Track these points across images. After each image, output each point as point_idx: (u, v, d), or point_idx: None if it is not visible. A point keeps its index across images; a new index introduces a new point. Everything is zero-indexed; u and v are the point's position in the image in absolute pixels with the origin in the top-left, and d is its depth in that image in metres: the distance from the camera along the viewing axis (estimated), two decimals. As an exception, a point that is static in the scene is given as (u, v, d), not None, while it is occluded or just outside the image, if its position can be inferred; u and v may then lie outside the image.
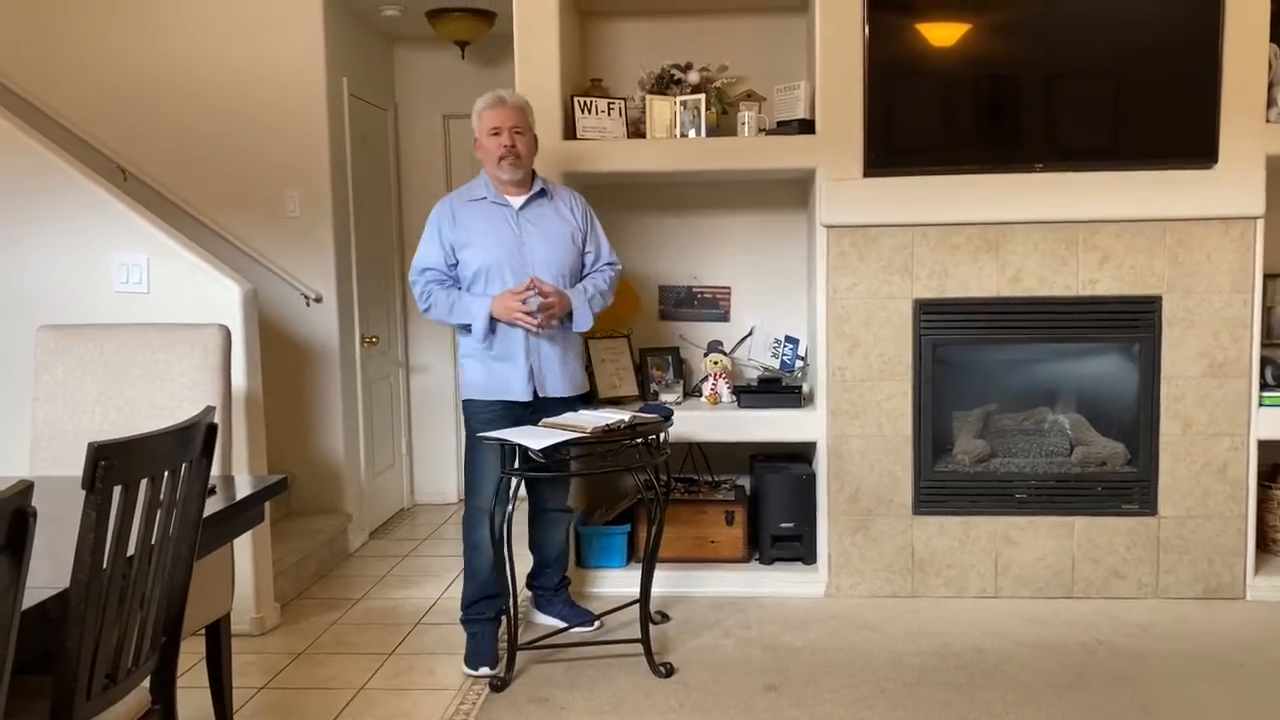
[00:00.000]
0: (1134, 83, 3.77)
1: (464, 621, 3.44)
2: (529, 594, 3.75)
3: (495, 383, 3.39)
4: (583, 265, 3.53)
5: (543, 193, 3.46)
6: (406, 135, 5.47)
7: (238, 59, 4.53)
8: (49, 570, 1.73)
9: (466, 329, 3.39)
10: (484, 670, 3.28)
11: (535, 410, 3.38)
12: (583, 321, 3.44)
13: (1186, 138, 3.75)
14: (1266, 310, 4.05)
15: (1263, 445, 3.84)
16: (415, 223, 5.46)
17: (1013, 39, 3.79)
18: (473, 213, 3.39)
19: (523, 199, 3.42)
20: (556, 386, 3.43)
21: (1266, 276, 3.91)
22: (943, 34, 3.80)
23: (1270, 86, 3.73)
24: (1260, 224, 3.75)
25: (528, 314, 3.27)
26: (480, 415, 3.40)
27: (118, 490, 1.63)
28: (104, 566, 1.64)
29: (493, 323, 3.33)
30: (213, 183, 4.58)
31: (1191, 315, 3.79)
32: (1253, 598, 3.84)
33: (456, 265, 3.40)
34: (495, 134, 3.33)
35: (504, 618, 3.35)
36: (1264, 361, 3.88)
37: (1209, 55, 3.68)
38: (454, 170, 5.50)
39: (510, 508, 3.21)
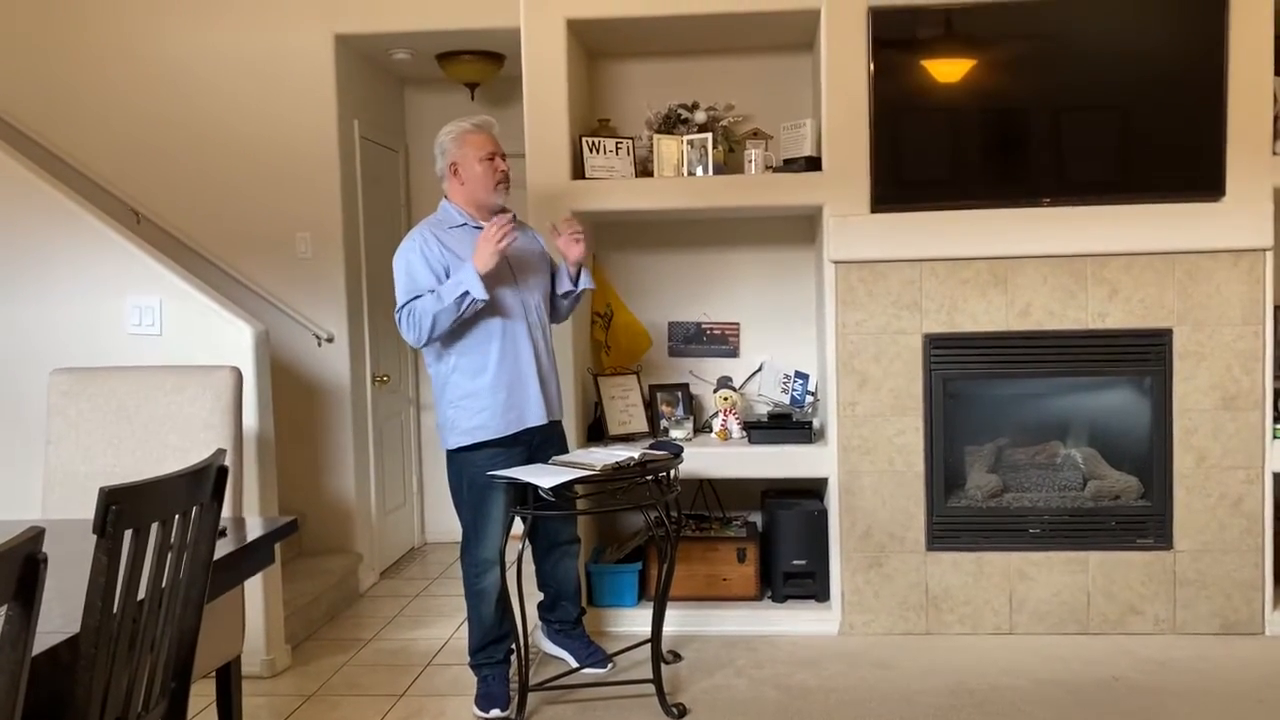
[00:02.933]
0: (1140, 116, 3.79)
1: (473, 666, 3.40)
2: (539, 625, 3.73)
3: (511, 416, 3.26)
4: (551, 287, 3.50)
5: (512, 218, 3.38)
6: (417, 176, 5.51)
7: (250, 102, 4.59)
8: (60, 614, 1.73)
9: (461, 358, 3.22)
10: (495, 712, 3.25)
11: (541, 441, 3.33)
12: (587, 279, 3.46)
13: (1194, 171, 3.76)
14: (1278, 343, 4.03)
15: (1278, 478, 3.81)
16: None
17: (1018, 74, 3.81)
18: (457, 238, 3.26)
19: None
20: (557, 408, 3.42)
21: (1277, 308, 3.90)
22: (948, 70, 3.83)
23: (1276, 120, 3.74)
24: (1269, 256, 3.75)
25: (501, 229, 3.10)
26: (484, 465, 3.23)
27: (128, 534, 1.63)
28: (114, 611, 1.64)
29: (494, 343, 3.22)
30: (225, 225, 4.63)
31: (1203, 348, 3.78)
32: (1271, 633, 3.79)
33: None
34: (490, 159, 3.28)
35: (513, 658, 3.33)
36: (1277, 394, 3.86)
37: (1215, 89, 3.70)
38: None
39: (521, 549, 3.20)
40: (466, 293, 3.10)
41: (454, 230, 3.29)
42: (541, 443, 3.36)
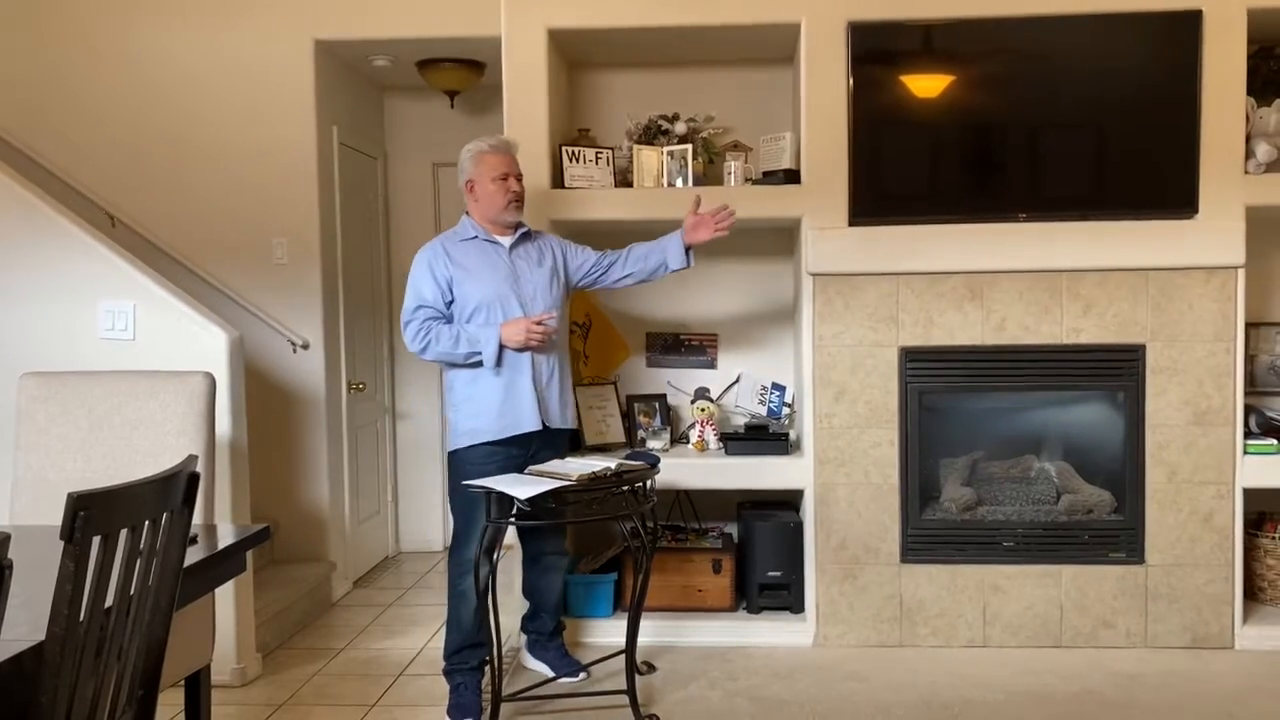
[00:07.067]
0: (1115, 134, 3.83)
1: (447, 672, 3.39)
2: (522, 638, 3.73)
3: (504, 421, 3.35)
4: (571, 284, 3.60)
5: (527, 234, 3.53)
6: (396, 183, 5.50)
7: (228, 107, 4.57)
8: (26, 621, 1.71)
9: (472, 365, 3.34)
10: None
11: (539, 448, 3.40)
12: (691, 258, 3.59)
13: (1167, 189, 3.80)
14: (1250, 359, 4.08)
15: (1248, 493, 3.85)
16: (404, 270, 5.45)
17: (995, 91, 3.84)
18: (467, 250, 3.42)
19: (511, 239, 3.47)
20: (557, 418, 3.47)
21: (1249, 325, 3.95)
22: (926, 86, 3.86)
23: (1248, 139, 3.78)
24: (1241, 274, 3.79)
25: (541, 331, 3.29)
26: (479, 465, 3.31)
27: (97, 541, 1.61)
28: (81, 619, 1.62)
29: (500, 352, 3.32)
30: (201, 230, 4.60)
31: (1175, 364, 3.81)
32: (1241, 647, 3.82)
33: (451, 303, 3.39)
34: (503, 179, 3.41)
35: (487, 668, 3.31)
36: (1248, 410, 3.90)
37: (1188, 108, 3.74)
38: (443, 217, 5.51)
39: (497, 556, 3.19)
40: (478, 352, 3.31)
41: (465, 243, 3.45)
42: (540, 449, 3.42)
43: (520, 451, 3.37)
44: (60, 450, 2.94)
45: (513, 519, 3.12)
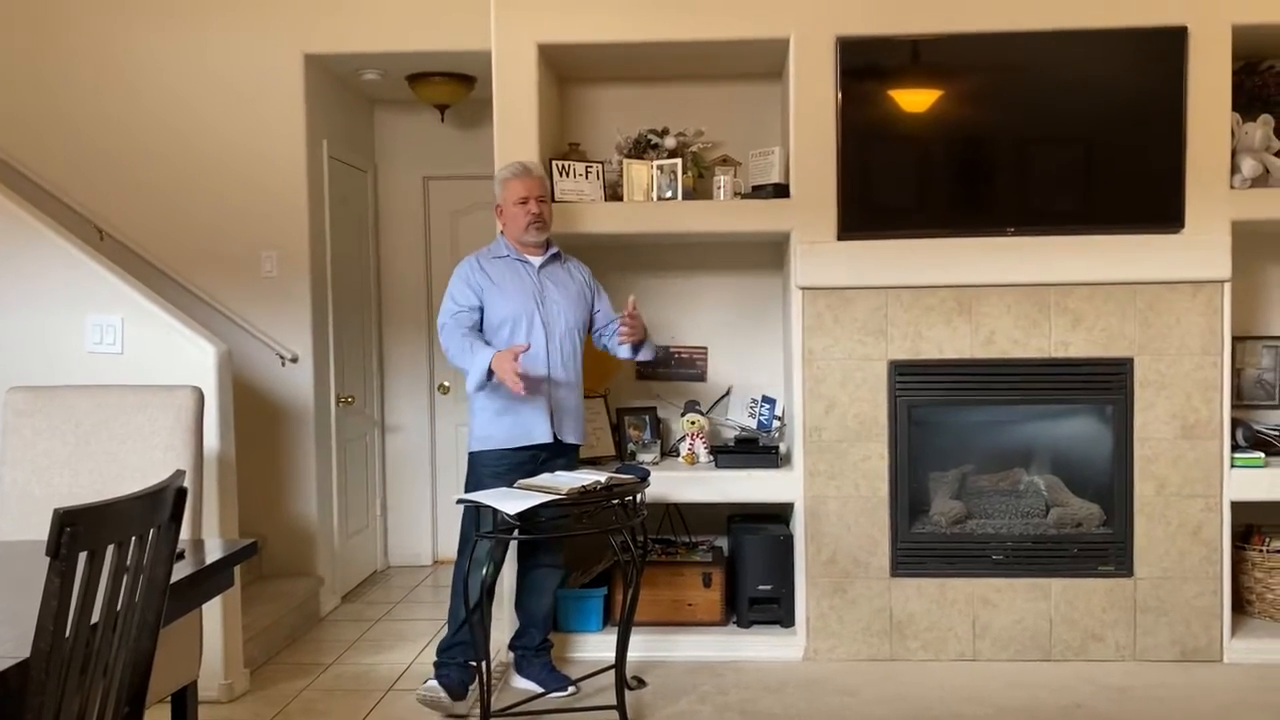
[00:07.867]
0: (1103, 149, 3.85)
1: (436, 665, 3.48)
2: (509, 656, 3.72)
3: (517, 430, 3.46)
4: (590, 323, 3.70)
5: (557, 255, 3.65)
6: (386, 196, 5.49)
7: (218, 120, 4.56)
8: (12, 639, 1.69)
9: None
10: (431, 684, 3.41)
11: (549, 458, 3.49)
12: (648, 352, 3.69)
13: (1154, 203, 3.82)
14: (1236, 372, 4.10)
15: (1236, 506, 3.86)
16: (394, 283, 5.48)
17: (984, 106, 3.87)
18: (499, 267, 3.58)
19: (541, 259, 3.60)
20: (570, 432, 3.56)
21: (1235, 339, 3.97)
22: (914, 100, 3.88)
23: (1233, 154, 3.81)
24: (1227, 287, 3.81)
25: (517, 376, 3.24)
26: (491, 467, 3.45)
27: (83, 557, 1.60)
28: (67, 635, 1.61)
29: (489, 377, 3.35)
30: (190, 243, 4.58)
31: (1163, 377, 3.83)
32: (1230, 660, 3.83)
33: (482, 310, 3.52)
34: (523, 202, 3.54)
35: (477, 677, 3.31)
36: (1235, 423, 3.92)
37: (1174, 123, 3.77)
38: (433, 231, 5.52)
39: (488, 570, 3.19)
40: (469, 372, 3.41)
41: (497, 260, 3.60)
42: (551, 458, 3.51)
43: (531, 458, 3.47)
44: (47, 465, 2.92)
45: (492, 533, 3.12)
